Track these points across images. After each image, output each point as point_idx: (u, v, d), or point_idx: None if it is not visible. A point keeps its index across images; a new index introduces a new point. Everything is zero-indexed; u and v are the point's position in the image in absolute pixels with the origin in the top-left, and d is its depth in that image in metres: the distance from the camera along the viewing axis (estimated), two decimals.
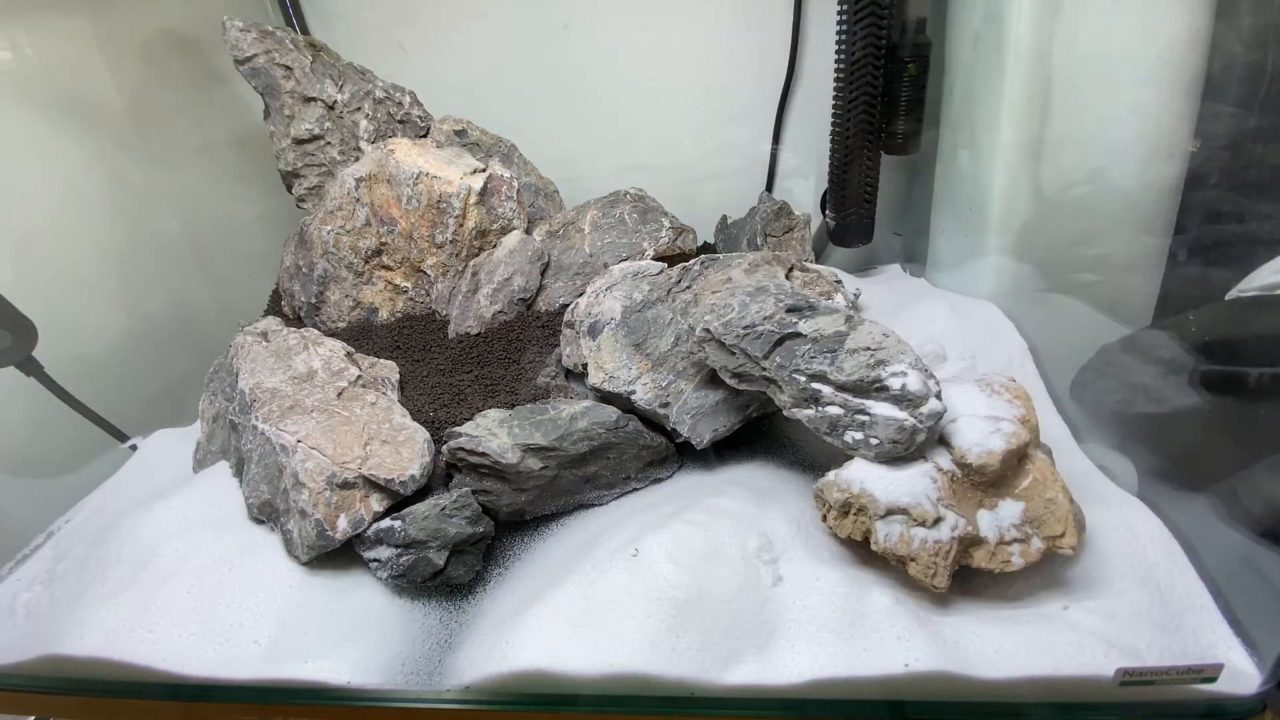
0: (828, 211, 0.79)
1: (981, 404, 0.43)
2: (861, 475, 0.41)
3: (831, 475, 0.42)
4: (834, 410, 0.42)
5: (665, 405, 0.49)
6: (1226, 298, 0.47)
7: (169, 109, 0.77)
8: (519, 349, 0.58)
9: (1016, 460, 0.42)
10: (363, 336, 0.63)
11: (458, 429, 0.47)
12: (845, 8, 0.65)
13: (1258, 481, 0.43)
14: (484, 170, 0.65)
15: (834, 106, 0.72)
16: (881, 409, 0.41)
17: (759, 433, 0.53)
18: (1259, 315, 0.46)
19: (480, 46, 0.80)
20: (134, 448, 0.65)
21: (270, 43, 0.66)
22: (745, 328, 0.44)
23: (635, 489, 0.51)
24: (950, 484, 0.41)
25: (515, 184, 0.66)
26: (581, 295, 0.56)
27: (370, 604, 0.45)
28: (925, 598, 0.41)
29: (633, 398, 0.49)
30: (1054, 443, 0.47)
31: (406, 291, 0.65)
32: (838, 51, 0.67)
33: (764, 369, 0.44)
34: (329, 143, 0.68)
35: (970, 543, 0.40)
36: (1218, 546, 0.43)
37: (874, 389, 0.41)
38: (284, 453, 0.46)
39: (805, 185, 0.83)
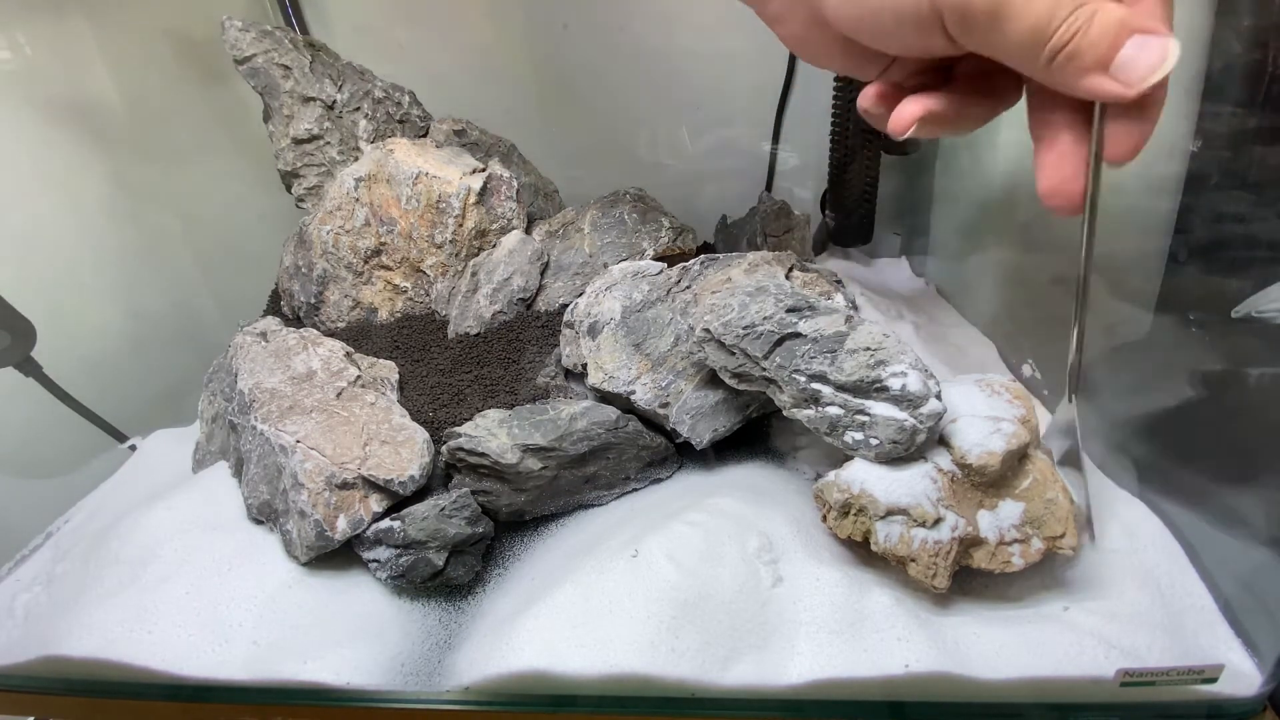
0: (828, 211, 0.79)
1: (981, 404, 0.43)
2: (861, 476, 0.41)
3: (831, 476, 0.42)
4: (834, 410, 0.42)
5: (665, 405, 0.49)
6: (1233, 314, 0.46)
7: (169, 109, 0.77)
8: (518, 349, 0.58)
9: (1017, 461, 0.42)
10: (362, 337, 0.63)
11: (457, 429, 0.47)
12: None
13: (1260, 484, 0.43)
14: (483, 170, 0.65)
15: (834, 106, 0.72)
16: (881, 409, 0.40)
17: (759, 433, 0.53)
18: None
19: (480, 46, 0.80)
20: (133, 448, 0.65)
21: (269, 42, 0.66)
22: (745, 328, 0.44)
23: (635, 489, 0.51)
24: (950, 484, 0.41)
25: (515, 184, 0.66)
26: (581, 295, 0.56)
27: (369, 604, 0.45)
28: (925, 598, 0.41)
29: (632, 398, 0.49)
30: None
31: (406, 291, 0.65)
32: None
33: (764, 369, 0.43)
34: (328, 142, 0.68)
35: (970, 543, 0.40)
36: (1218, 547, 0.43)
37: (874, 389, 0.41)
38: (283, 453, 0.46)
39: (805, 185, 0.83)
